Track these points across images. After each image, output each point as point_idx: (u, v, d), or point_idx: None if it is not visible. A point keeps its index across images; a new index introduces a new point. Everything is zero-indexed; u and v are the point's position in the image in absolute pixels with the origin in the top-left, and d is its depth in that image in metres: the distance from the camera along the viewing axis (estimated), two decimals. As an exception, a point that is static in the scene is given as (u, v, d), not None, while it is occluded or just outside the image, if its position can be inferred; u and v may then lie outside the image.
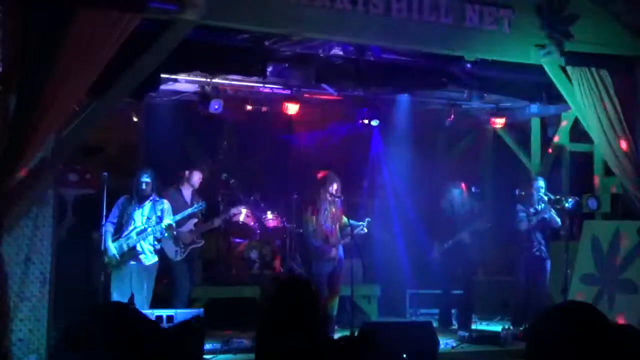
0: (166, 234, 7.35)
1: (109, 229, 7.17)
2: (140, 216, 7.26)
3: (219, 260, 9.30)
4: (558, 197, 8.50)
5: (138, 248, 7.20)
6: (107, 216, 7.15)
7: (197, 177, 8.23)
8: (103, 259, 7.11)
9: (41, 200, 5.89)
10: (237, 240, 9.46)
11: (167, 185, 8.08)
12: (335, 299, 7.95)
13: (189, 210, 7.77)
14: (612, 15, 7.64)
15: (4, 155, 5.47)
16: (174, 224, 7.42)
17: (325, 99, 9.60)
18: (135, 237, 7.17)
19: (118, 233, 7.19)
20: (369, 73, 7.89)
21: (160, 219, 7.26)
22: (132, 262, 7.18)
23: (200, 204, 7.92)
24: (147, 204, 7.28)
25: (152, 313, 6.48)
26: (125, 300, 6.96)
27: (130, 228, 7.20)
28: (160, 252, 7.50)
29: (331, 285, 7.91)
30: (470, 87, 8.66)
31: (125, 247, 7.14)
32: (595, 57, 7.59)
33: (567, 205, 8.34)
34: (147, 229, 7.19)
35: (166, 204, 7.40)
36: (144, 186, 7.23)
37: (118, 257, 7.09)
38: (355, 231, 7.93)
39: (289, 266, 9.26)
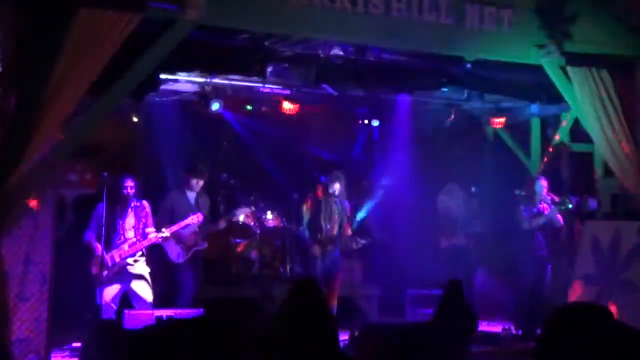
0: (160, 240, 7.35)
1: (92, 238, 7.07)
2: (127, 227, 7.20)
3: (219, 260, 9.29)
4: (562, 199, 8.48)
5: (131, 261, 7.16)
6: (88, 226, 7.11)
7: (195, 183, 8.12)
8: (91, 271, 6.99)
9: (41, 200, 5.89)
10: (237, 240, 9.45)
11: (169, 187, 8.09)
12: (333, 299, 7.94)
13: (185, 222, 7.61)
14: (612, 15, 7.64)
15: (4, 155, 5.47)
16: (169, 235, 7.41)
17: (325, 99, 9.60)
18: (127, 248, 7.14)
19: (103, 242, 6.96)
20: (369, 73, 7.89)
21: (145, 225, 7.26)
22: (129, 271, 7.13)
23: (198, 215, 7.77)
24: (130, 213, 7.23)
25: (153, 313, 6.47)
26: (117, 304, 6.97)
27: (120, 240, 7.13)
28: (162, 254, 7.48)
29: (328, 285, 7.89)
30: (470, 87, 8.67)
31: (117, 259, 7.11)
32: (595, 57, 7.59)
33: (569, 206, 8.33)
34: (138, 242, 7.15)
35: (147, 207, 7.36)
36: (128, 190, 7.17)
37: (111, 267, 7.03)
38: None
39: (289, 266, 9.26)
